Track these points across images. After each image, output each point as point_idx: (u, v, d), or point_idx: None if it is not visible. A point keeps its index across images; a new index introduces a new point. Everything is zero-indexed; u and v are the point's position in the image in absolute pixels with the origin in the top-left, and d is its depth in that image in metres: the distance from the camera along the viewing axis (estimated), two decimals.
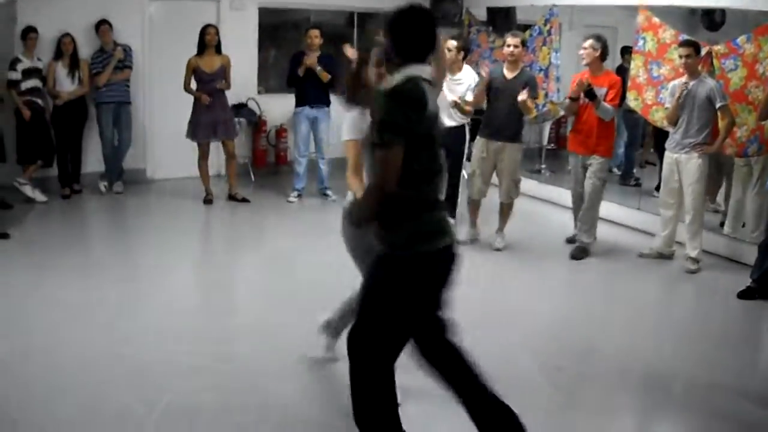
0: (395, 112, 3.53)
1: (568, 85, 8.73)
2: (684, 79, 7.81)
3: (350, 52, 7.84)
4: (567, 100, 8.18)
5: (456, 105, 8.01)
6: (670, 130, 8.06)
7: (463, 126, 8.44)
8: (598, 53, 7.92)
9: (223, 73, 9.76)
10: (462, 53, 8.24)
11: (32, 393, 4.83)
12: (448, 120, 7.84)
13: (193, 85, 9.73)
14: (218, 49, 9.78)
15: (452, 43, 8.10)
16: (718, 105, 7.60)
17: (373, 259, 3.84)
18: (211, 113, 9.70)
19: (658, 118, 8.80)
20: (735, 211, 8.59)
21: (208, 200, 10.01)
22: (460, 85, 8.15)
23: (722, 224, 8.82)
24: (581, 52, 8.03)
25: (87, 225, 9.47)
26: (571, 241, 8.56)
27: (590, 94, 7.78)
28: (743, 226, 8.50)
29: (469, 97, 8.18)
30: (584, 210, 8.18)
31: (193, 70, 9.66)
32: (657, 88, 8.79)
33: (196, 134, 9.77)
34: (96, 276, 7.19)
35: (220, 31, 9.93)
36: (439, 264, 3.76)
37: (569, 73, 9.87)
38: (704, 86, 7.64)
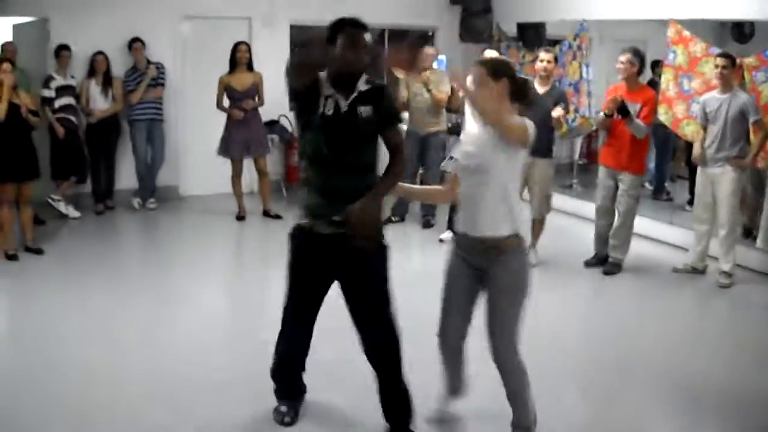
0: None
1: (600, 99, 8.69)
2: (716, 93, 7.75)
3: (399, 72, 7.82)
4: (601, 114, 8.07)
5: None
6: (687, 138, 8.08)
7: None
8: (636, 68, 7.76)
9: (255, 90, 9.82)
10: None
11: (65, 407, 4.86)
12: None
13: (226, 102, 9.81)
14: (250, 66, 9.84)
15: (491, 53, 8.21)
16: (752, 119, 7.53)
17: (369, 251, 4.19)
18: (244, 130, 9.76)
19: (689, 132, 8.73)
20: None
21: (240, 217, 10.05)
22: None
23: (755, 237, 8.74)
24: (618, 65, 7.86)
25: (120, 241, 9.53)
26: (589, 264, 8.29)
27: (623, 110, 7.62)
28: None
29: None
30: (617, 227, 8.05)
31: (225, 88, 9.74)
32: (688, 102, 8.73)
33: (228, 151, 9.83)
34: (129, 291, 7.24)
35: (252, 48, 10.00)
36: None
37: (600, 88, 9.86)
38: (737, 100, 7.55)
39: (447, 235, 8.81)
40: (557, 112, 7.79)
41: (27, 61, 9.48)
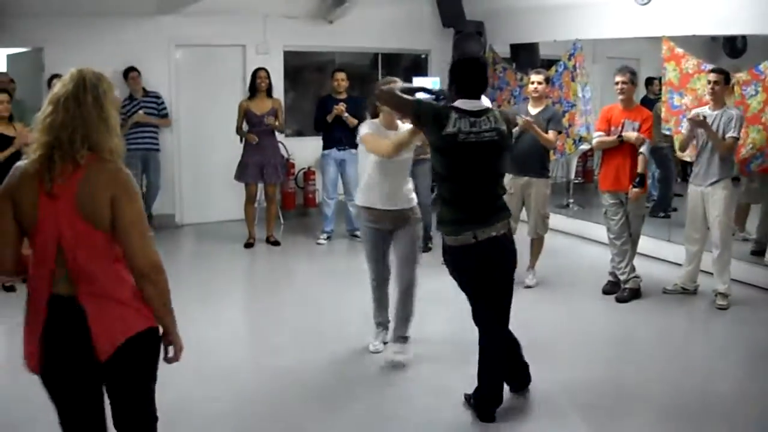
0: None
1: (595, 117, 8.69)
2: (707, 109, 7.57)
3: None
4: (610, 138, 7.89)
5: None
6: (686, 158, 8.07)
7: None
8: (635, 87, 7.72)
9: (275, 115, 9.85)
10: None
11: None
12: None
13: (246, 128, 9.88)
14: (269, 92, 9.92)
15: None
16: (728, 134, 7.34)
17: None
18: (261, 155, 9.83)
19: (677, 146, 8.73)
20: None
21: (249, 244, 10.06)
22: None
23: (753, 252, 8.71)
24: (620, 86, 7.61)
25: None
26: (608, 292, 8.00)
27: (640, 182, 7.57)
28: None
29: None
30: (631, 250, 7.84)
31: (244, 113, 9.81)
32: (677, 117, 8.71)
33: (243, 175, 9.89)
34: None
35: (250, 74, 10.10)
36: None
37: (594, 106, 9.90)
38: (726, 116, 7.40)
39: None
40: (524, 119, 7.76)
41: (21, 91, 9.49)
